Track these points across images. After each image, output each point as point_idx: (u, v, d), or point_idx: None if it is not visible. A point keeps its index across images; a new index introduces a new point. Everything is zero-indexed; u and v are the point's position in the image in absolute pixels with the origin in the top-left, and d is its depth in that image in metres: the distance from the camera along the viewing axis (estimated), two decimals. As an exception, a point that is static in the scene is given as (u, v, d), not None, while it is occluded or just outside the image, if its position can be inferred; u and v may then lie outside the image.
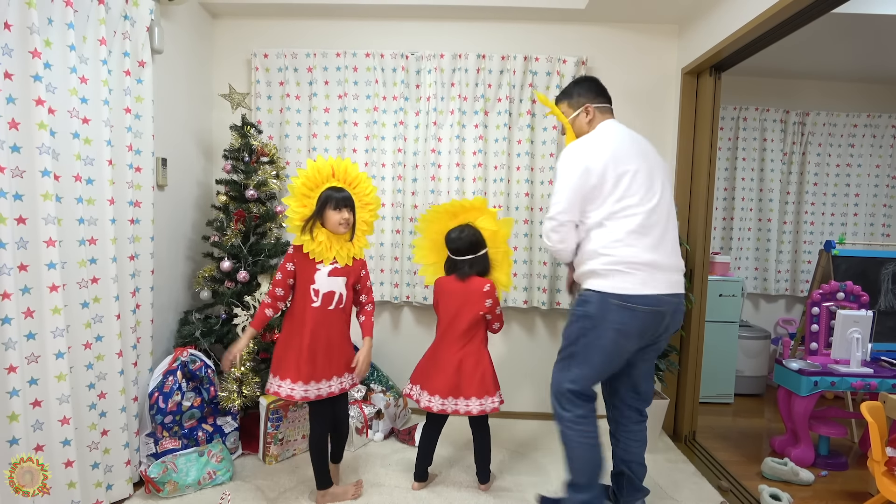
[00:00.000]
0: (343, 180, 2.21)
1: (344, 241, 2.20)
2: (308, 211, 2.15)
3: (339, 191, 2.17)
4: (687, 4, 2.82)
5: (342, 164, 2.21)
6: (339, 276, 2.20)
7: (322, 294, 2.18)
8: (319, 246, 2.15)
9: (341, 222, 2.15)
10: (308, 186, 2.15)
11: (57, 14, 1.89)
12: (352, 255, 2.22)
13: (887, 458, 2.05)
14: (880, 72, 3.93)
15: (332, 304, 2.19)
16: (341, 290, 2.20)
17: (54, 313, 1.85)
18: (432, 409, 2.29)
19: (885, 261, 3.38)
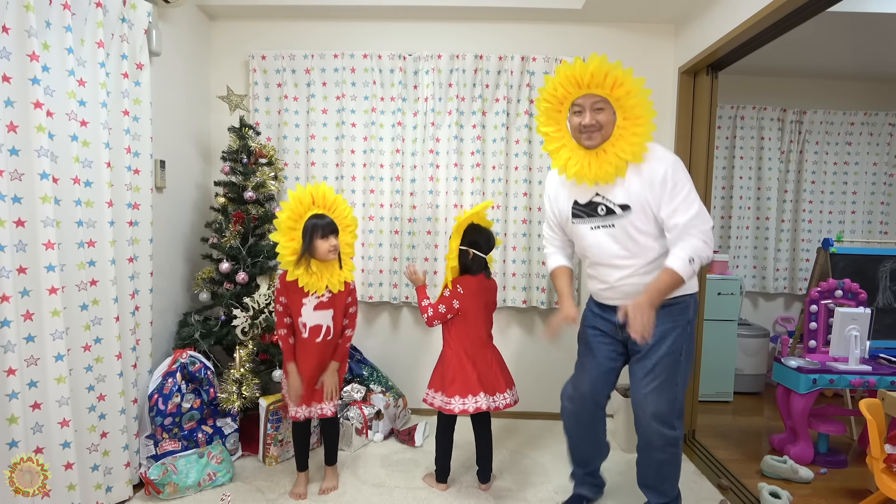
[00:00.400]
0: (323, 206, 2.21)
1: (334, 268, 2.21)
2: (297, 244, 2.14)
3: (322, 217, 2.17)
4: (683, 4, 2.83)
5: (320, 189, 2.21)
6: (325, 309, 2.25)
7: (309, 328, 2.24)
8: (313, 277, 2.17)
9: (330, 250, 2.16)
10: (293, 219, 2.15)
11: (55, 17, 1.90)
12: (342, 280, 2.25)
13: (886, 455, 2.05)
14: (877, 70, 3.94)
15: (319, 336, 2.25)
16: (328, 322, 2.25)
17: (53, 316, 1.85)
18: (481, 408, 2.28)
19: (883, 258, 3.39)
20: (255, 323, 2.67)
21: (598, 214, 1.97)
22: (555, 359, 3.29)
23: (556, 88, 1.94)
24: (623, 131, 1.88)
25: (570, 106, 1.94)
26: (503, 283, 3.19)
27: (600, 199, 1.97)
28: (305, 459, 2.43)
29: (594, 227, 1.99)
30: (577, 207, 2.02)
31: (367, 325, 3.33)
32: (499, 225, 3.13)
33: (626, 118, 1.88)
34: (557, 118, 1.98)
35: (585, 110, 1.89)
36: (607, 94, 1.88)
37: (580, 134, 1.91)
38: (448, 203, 3.14)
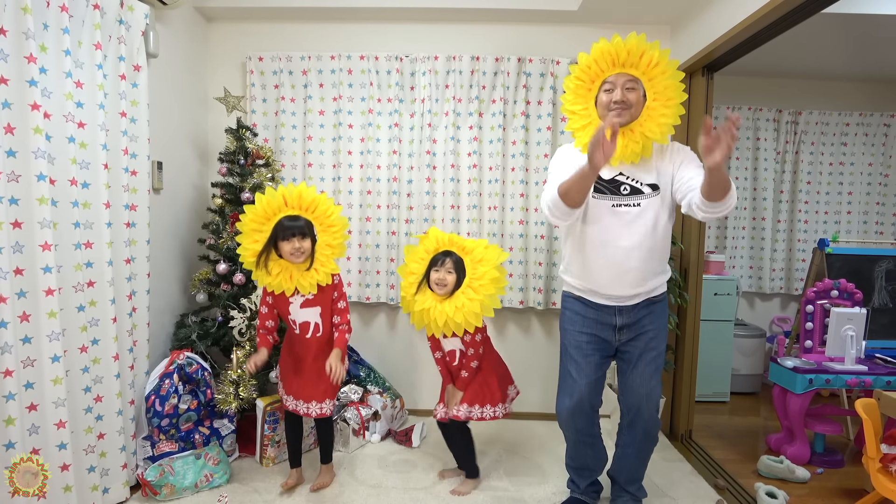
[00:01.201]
0: (298, 207, 2.19)
1: (303, 269, 2.20)
2: (259, 246, 2.16)
3: (292, 219, 2.16)
4: (678, 5, 2.84)
5: (294, 190, 2.20)
6: (312, 306, 2.24)
7: (298, 324, 2.26)
8: (277, 279, 2.17)
9: (293, 252, 2.15)
10: (257, 221, 2.16)
11: (52, 19, 1.90)
12: (315, 283, 2.20)
13: (882, 455, 2.06)
14: (871, 70, 3.96)
15: (308, 332, 2.26)
16: (315, 319, 2.26)
17: (50, 317, 1.85)
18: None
19: (879, 258, 3.40)
20: (252, 324, 2.67)
21: (620, 193, 1.94)
22: (551, 360, 3.30)
23: (590, 65, 1.95)
24: (652, 112, 1.90)
25: (600, 84, 1.94)
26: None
27: (624, 178, 1.95)
28: (298, 456, 2.44)
29: (616, 204, 1.93)
30: (600, 182, 1.95)
31: (364, 326, 3.34)
32: (496, 225, 3.14)
33: (657, 98, 1.90)
34: (586, 96, 1.98)
35: (617, 87, 1.89)
36: (640, 74, 1.90)
37: (609, 111, 1.91)
38: (445, 204, 3.14)
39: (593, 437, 2.18)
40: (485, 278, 2.19)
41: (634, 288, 1.98)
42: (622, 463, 2.21)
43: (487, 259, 2.23)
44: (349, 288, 3.18)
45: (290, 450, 2.44)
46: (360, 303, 3.26)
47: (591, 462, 2.23)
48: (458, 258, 2.26)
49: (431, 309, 2.21)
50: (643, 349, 2.06)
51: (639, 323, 2.04)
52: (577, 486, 2.28)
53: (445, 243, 2.31)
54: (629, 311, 2.03)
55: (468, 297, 2.18)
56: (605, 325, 2.07)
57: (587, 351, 2.08)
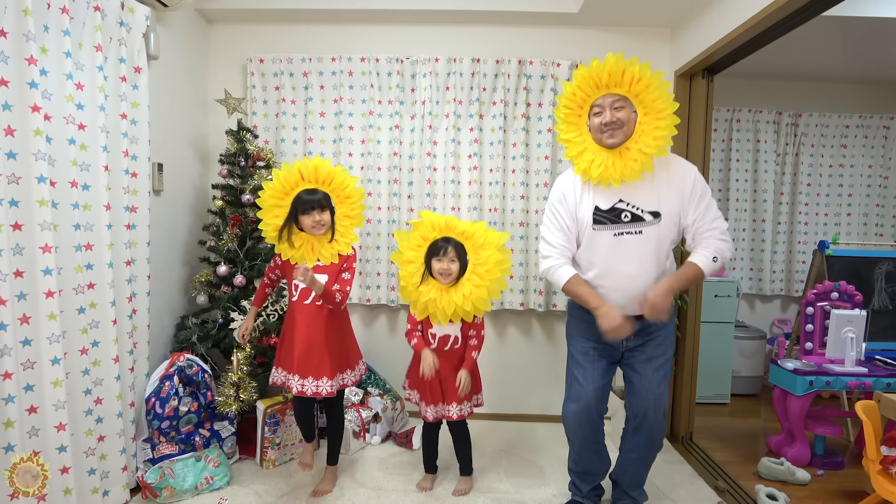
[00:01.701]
0: (314, 180, 2.22)
1: (325, 241, 2.23)
2: (280, 221, 2.18)
3: (311, 192, 2.19)
4: (678, 8, 2.84)
5: (310, 164, 2.22)
6: (321, 272, 2.23)
7: (300, 289, 2.24)
8: (300, 251, 2.20)
9: (314, 225, 2.18)
10: (276, 196, 2.19)
11: (53, 21, 1.90)
12: (336, 253, 2.24)
13: (882, 457, 2.06)
14: (871, 73, 3.96)
15: (308, 298, 2.23)
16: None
17: (50, 319, 1.85)
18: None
19: (879, 260, 3.40)
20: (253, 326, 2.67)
21: (621, 221, 1.94)
22: (551, 362, 3.30)
23: (574, 92, 1.96)
24: (645, 126, 1.90)
25: (589, 109, 1.96)
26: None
27: (624, 206, 1.95)
28: (311, 431, 2.44)
29: (618, 233, 1.94)
30: (599, 213, 1.97)
31: (365, 327, 3.33)
32: (496, 228, 3.14)
33: (648, 113, 1.90)
34: (578, 123, 1.99)
35: (605, 109, 1.90)
36: (626, 92, 1.90)
37: (601, 134, 1.92)
38: (445, 205, 3.14)
39: (598, 444, 2.19)
40: (489, 262, 2.17)
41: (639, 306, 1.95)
42: (625, 467, 2.21)
43: (489, 242, 2.20)
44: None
45: (303, 428, 2.43)
46: (360, 304, 3.26)
47: (594, 467, 2.24)
48: (458, 244, 2.21)
49: (438, 299, 2.18)
50: (650, 355, 2.05)
51: (646, 329, 2.04)
52: (579, 490, 2.28)
53: (443, 228, 2.24)
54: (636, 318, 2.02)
55: (475, 284, 2.17)
56: None
57: (593, 357, 2.09)
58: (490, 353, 3.30)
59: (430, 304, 2.20)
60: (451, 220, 2.26)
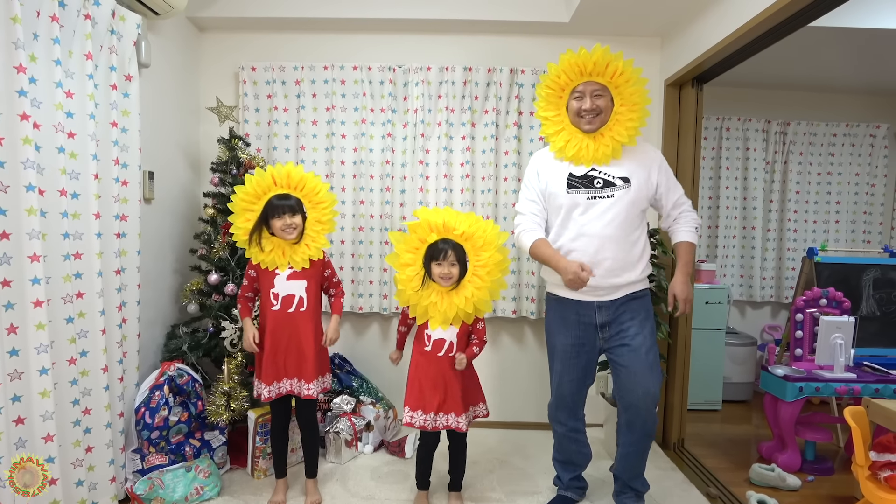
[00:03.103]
0: (287, 185, 2.25)
1: (296, 246, 2.24)
2: (251, 225, 2.20)
3: (282, 198, 2.21)
4: (668, 18, 2.88)
5: (283, 169, 2.25)
6: (299, 279, 2.25)
7: (281, 297, 2.24)
8: (270, 255, 2.22)
9: (284, 228, 2.19)
10: (248, 200, 2.21)
11: (42, 29, 1.89)
12: (307, 258, 2.25)
13: (871, 463, 2.07)
14: (857, 83, 4.02)
15: (291, 306, 2.25)
16: (300, 293, 2.25)
17: (38, 329, 1.83)
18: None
19: (866, 267, 3.44)
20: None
21: (594, 186, 2.08)
22: (544, 369, 3.29)
23: (559, 75, 2.09)
24: (619, 116, 2.08)
25: (570, 92, 2.08)
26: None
27: (597, 173, 2.09)
28: (283, 464, 2.41)
29: (591, 196, 2.08)
30: (573, 179, 2.11)
31: (357, 335, 3.33)
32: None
33: (623, 104, 2.07)
34: (557, 103, 2.13)
35: (586, 96, 2.04)
36: (607, 82, 2.05)
37: (580, 118, 2.07)
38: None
39: (577, 433, 2.31)
40: (490, 264, 2.17)
41: (609, 278, 2.06)
42: (625, 462, 2.25)
43: (489, 242, 2.19)
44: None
45: (277, 459, 2.40)
46: (352, 313, 3.25)
47: (574, 457, 2.35)
48: (457, 245, 2.18)
49: (439, 302, 2.17)
50: (630, 346, 2.10)
51: (618, 319, 2.12)
52: (561, 481, 2.39)
53: (441, 230, 2.20)
54: (608, 306, 2.12)
55: (476, 286, 2.16)
56: (586, 326, 2.15)
57: (571, 354, 2.20)
58: (483, 361, 3.29)
59: (430, 308, 2.19)
60: (450, 219, 2.20)
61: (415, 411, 2.21)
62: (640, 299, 2.15)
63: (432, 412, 2.20)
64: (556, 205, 2.14)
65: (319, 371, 2.30)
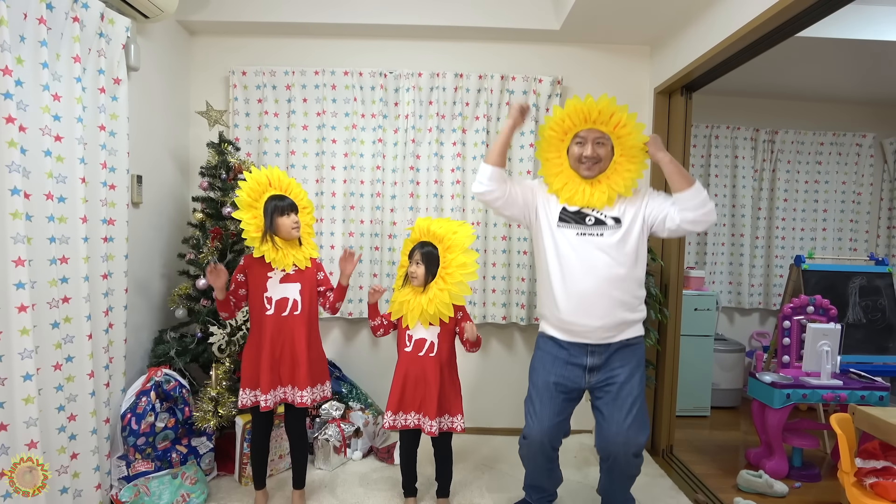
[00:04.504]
0: (279, 188, 2.26)
1: (297, 246, 2.26)
2: (260, 221, 2.19)
3: (282, 198, 2.22)
4: (657, 27, 2.90)
5: (274, 172, 2.28)
6: (293, 281, 2.24)
7: (275, 301, 2.22)
8: (280, 252, 2.20)
9: (293, 226, 2.21)
10: (253, 197, 2.20)
11: (30, 31, 1.88)
12: (308, 257, 2.28)
13: (856, 469, 2.09)
14: (844, 92, 4.08)
15: (286, 310, 2.22)
16: (294, 295, 2.24)
17: (23, 334, 1.81)
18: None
19: (852, 274, 3.48)
20: (233, 340, 2.64)
21: (585, 223, 2.06)
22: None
23: (563, 119, 2.09)
24: (618, 166, 2.08)
25: (573, 136, 2.09)
26: (483, 299, 3.20)
27: (589, 211, 2.08)
28: (263, 475, 2.37)
29: (580, 233, 2.06)
30: (566, 213, 2.10)
31: (347, 341, 3.31)
32: (479, 242, 3.15)
33: (623, 154, 2.08)
34: (559, 146, 2.13)
35: (588, 142, 2.04)
36: (609, 131, 2.06)
37: (580, 164, 2.07)
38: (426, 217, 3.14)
39: (551, 469, 2.27)
40: (451, 266, 2.20)
41: (601, 319, 2.01)
42: (608, 493, 2.24)
43: (455, 245, 2.22)
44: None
45: (256, 469, 2.35)
46: (342, 318, 3.24)
47: (545, 485, 2.33)
48: (429, 249, 2.24)
49: (411, 300, 2.24)
50: (616, 394, 2.04)
51: (608, 365, 2.07)
52: (530, 495, 2.38)
53: (425, 233, 2.30)
54: (601, 351, 2.07)
55: (439, 288, 2.19)
56: (575, 367, 2.09)
57: (552, 392, 2.11)
58: (472, 367, 3.30)
59: (403, 306, 2.26)
60: (433, 224, 2.29)
61: (396, 414, 2.25)
62: (633, 347, 2.09)
63: (413, 411, 2.24)
64: (546, 230, 2.11)
65: (315, 378, 2.26)
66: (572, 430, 2.25)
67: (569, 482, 2.65)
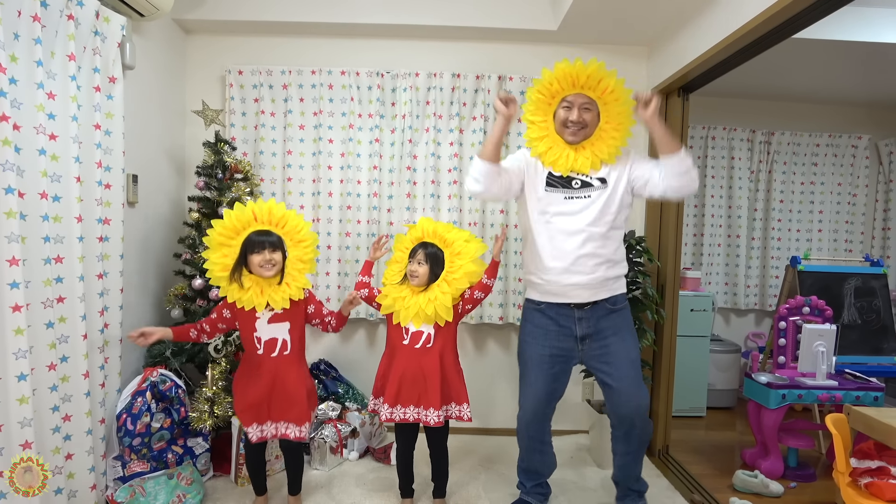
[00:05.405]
0: (268, 222, 2.15)
1: (275, 284, 2.13)
2: (230, 260, 2.09)
3: (263, 234, 2.11)
4: (655, 28, 2.91)
5: (264, 206, 2.16)
6: (281, 321, 2.16)
7: (264, 342, 2.15)
8: (248, 293, 2.09)
9: (262, 264, 2.07)
10: (226, 235, 2.10)
11: (24, 29, 1.86)
12: (287, 298, 2.13)
13: (851, 469, 2.09)
14: (840, 94, 4.09)
15: (275, 351, 2.16)
16: (284, 336, 2.17)
17: (17, 334, 1.80)
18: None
19: (848, 276, 3.49)
20: (229, 340, 2.63)
21: (571, 187, 2.10)
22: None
23: (551, 83, 2.09)
24: (603, 133, 2.10)
25: (560, 101, 2.09)
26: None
27: (575, 175, 2.11)
28: (263, 483, 2.36)
29: (568, 196, 2.10)
30: (552, 178, 2.13)
31: (343, 341, 3.31)
32: (475, 241, 3.14)
33: (609, 122, 2.09)
34: (546, 110, 2.14)
35: (574, 107, 2.06)
36: (597, 97, 2.07)
37: (565, 128, 2.09)
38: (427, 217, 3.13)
39: (543, 444, 2.30)
40: (459, 272, 2.18)
41: (587, 276, 2.07)
42: (623, 469, 2.28)
43: (465, 253, 2.21)
44: (328, 303, 3.15)
45: (255, 479, 2.34)
46: (338, 318, 3.23)
47: (539, 466, 2.35)
48: (434, 250, 2.22)
49: (408, 298, 2.21)
50: (616, 364, 2.12)
51: (600, 334, 2.13)
52: (523, 486, 2.40)
53: (430, 234, 2.27)
54: (588, 317, 2.12)
55: (442, 291, 2.17)
56: (566, 337, 2.15)
57: (547, 365, 2.18)
58: (469, 368, 3.27)
59: (397, 301, 2.23)
60: (441, 227, 2.27)
61: (394, 407, 2.21)
62: (620, 312, 2.17)
63: (412, 405, 2.21)
64: (533, 197, 2.15)
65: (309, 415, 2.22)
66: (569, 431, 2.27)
67: (565, 482, 2.65)
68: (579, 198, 2.09)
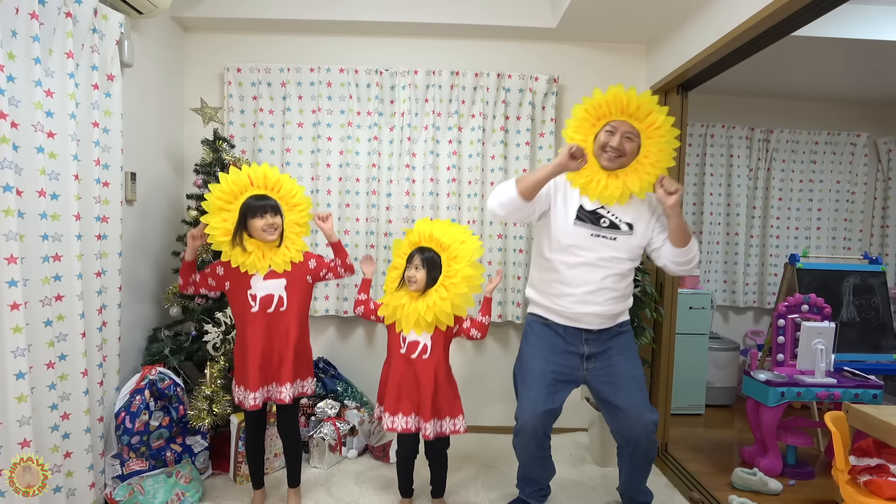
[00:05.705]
0: (263, 186, 2.19)
1: (275, 248, 2.18)
2: (230, 224, 2.12)
3: (261, 198, 2.14)
4: (654, 26, 2.90)
5: (259, 170, 2.19)
6: (276, 278, 2.18)
7: (259, 298, 2.17)
8: (251, 257, 2.13)
9: (265, 228, 2.12)
10: (224, 199, 2.12)
11: (21, 26, 1.86)
12: (288, 260, 2.19)
13: (850, 467, 2.10)
14: (839, 92, 4.09)
15: (271, 307, 2.17)
16: (280, 292, 2.18)
17: (15, 332, 1.79)
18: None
19: (846, 273, 3.49)
20: (227, 338, 2.62)
21: (599, 225, 2.07)
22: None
23: (600, 104, 2.05)
24: (639, 166, 2.03)
25: (604, 124, 2.04)
26: (478, 297, 3.19)
27: (605, 213, 2.08)
28: (261, 475, 2.36)
29: (594, 234, 2.06)
30: (582, 212, 2.09)
31: (342, 339, 3.31)
32: (475, 239, 3.14)
33: (647, 157, 2.03)
34: (588, 130, 2.09)
35: (617, 133, 2.00)
36: (642, 130, 2.02)
37: (603, 152, 2.02)
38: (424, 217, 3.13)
39: (543, 459, 2.27)
40: (457, 276, 2.15)
41: (601, 307, 2.07)
42: (629, 483, 2.26)
43: (461, 256, 2.18)
44: (327, 302, 3.15)
45: (253, 469, 2.35)
46: (337, 316, 3.23)
47: (538, 475, 2.35)
48: (431, 255, 2.19)
49: (407, 305, 2.18)
50: (622, 386, 2.10)
51: (606, 353, 2.13)
52: (523, 490, 2.40)
53: (426, 238, 2.23)
54: (595, 339, 2.13)
55: (440, 296, 2.14)
56: (573, 355, 2.14)
57: (549, 380, 2.14)
58: (468, 366, 3.30)
59: (397, 310, 2.21)
60: (437, 230, 2.22)
61: (395, 415, 2.20)
62: (625, 333, 2.19)
63: (413, 412, 2.20)
64: (557, 227, 2.10)
65: (296, 374, 2.22)
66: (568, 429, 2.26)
67: (564, 480, 2.66)
68: (605, 238, 2.05)
